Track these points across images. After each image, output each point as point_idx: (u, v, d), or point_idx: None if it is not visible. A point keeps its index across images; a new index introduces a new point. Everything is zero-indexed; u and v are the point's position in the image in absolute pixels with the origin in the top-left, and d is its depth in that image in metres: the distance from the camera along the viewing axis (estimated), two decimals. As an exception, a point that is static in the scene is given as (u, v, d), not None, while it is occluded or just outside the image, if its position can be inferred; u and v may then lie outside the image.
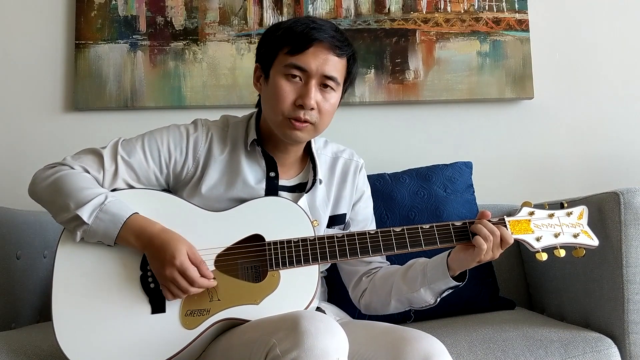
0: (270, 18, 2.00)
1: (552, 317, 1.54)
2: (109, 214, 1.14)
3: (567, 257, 1.22)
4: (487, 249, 1.16)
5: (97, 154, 1.23)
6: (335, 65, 1.21)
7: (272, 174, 1.28)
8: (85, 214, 1.13)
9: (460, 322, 1.43)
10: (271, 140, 1.29)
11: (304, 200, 1.28)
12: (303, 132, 1.22)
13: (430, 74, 2.00)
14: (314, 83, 1.20)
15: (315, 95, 1.20)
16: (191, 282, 1.11)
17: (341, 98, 1.28)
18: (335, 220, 1.36)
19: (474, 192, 1.75)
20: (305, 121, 1.21)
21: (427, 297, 1.26)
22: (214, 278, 1.14)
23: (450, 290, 1.26)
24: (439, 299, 1.27)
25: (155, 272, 1.14)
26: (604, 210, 1.33)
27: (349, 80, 1.28)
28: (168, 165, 1.26)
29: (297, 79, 1.20)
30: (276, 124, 1.23)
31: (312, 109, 1.20)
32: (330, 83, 1.21)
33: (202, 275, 1.13)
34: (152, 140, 1.26)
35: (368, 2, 2.02)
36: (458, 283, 1.23)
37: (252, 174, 1.27)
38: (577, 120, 2.04)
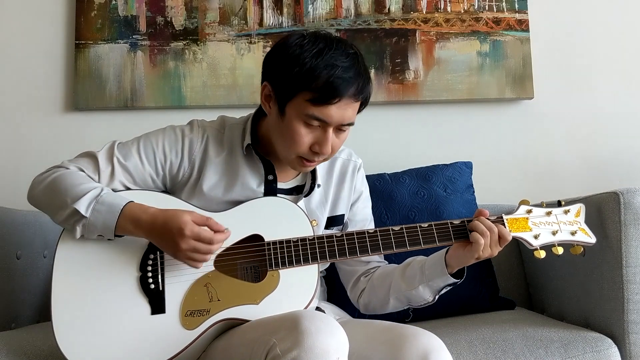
0: (270, 18, 2.00)
1: (552, 317, 1.54)
2: (106, 205, 1.14)
3: (567, 257, 1.22)
4: (485, 245, 1.16)
5: (93, 157, 1.23)
6: (354, 110, 1.18)
7: (270, 177, 1.27)
8: (82, 207, 1.12)
9: (460, 322, 1.43)
10: (268, 145, 1.28)
11: (302, 203, 1.28)
12: (312, 167, 1.25)
13: (430, 74, 2.00)
14: (331, 130, 1.17)
15: (332, 140, 1.18)
16: (210, 242, 1.11)
17: None
18: (334, 221, 1.36)
19: (474, 192, 1.75)
20: (313, 161, 1.21)
21: (426, 295, 1.26)
22: (219, 267, 1.15)
23: (449, 288, 1.26)
24: (437, 297, 1.27)
25: (170, 252, 1.13)
26: (603, 210, 1.33)
27: (365, 105, 1.24)
28: (164, 167, 1.26)
29: (316, 125, 1.16)
30: (287, 159, 1.22)
31: None
32: (346, 127, 1.19)
33: (215, 230, 1.13)
34: (147, 143, 1.26)
35: (368, 2, 2.02)
36: (456, 280, 1.24)
37: (251, 177, 1.27)
38: (577, 120, 2.04)
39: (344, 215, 1.38)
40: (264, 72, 1.23)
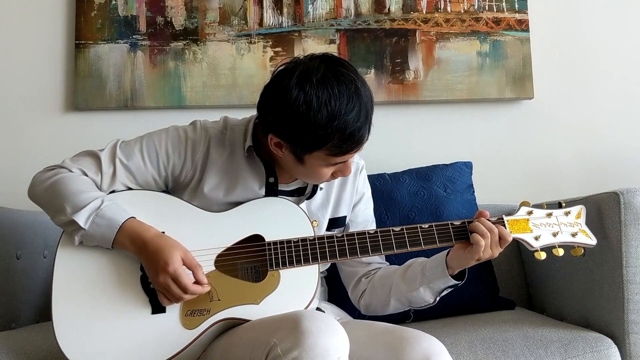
0: (270, 18, 2.00)
1: (552, 317, 1.54)
2: (105, 219, 1.14)
3: (567, 257, 1.22)
4: (485, 246, 1.16)
5: (95, 157, 1.23)
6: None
7: (272, 180, 1.27)
8: (81, 219, 1.12)
9: (460, 322, 1.43)
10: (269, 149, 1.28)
11: (303, 205, 1.28)
12: None
13: (430, 74, 2.00)
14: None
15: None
16: (184, 290, 1.10)
17: None
18: (335, 222, 1.36)
19: (474, 192, 1.75)
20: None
21: (427, 296, 1.26)
22: (208, 284, 1.14)
23: (450, 289, 1.26)
24: (438, 298, 1.27)
25: (150, 278, 1.14)
26: (603, 210, 1.33)
27: None
28: (166, 168, 1.25)
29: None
30: (305, 182, 1.31)
31: None
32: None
33: (197, 281, 1.12)
34: (150, 143, 1.25)
35: (368, 2, 2.02)
36: (457, 282, 1.23)
37: (252, 179, 1.26)
38: (577, 120, 2.04)
39: (345, 216, 1.37)
40: (265, 120, 1.17)
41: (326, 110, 1.07)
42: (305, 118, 1.08)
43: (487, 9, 2.03)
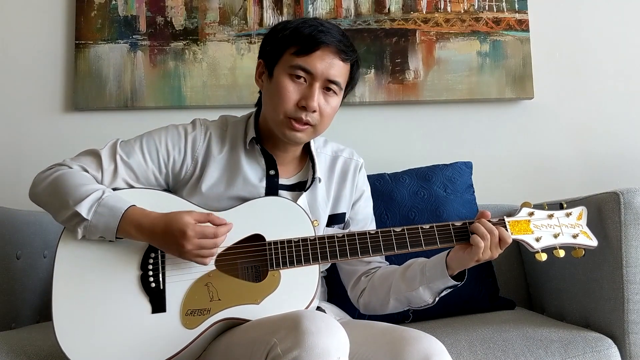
0: (270, 18, 2.00)
1: (552, 317, 1.54)
2: (107, 207, 1.14)
3: (567, 257, 1.22)
4: (485, 248, 1.16)
5: (96, 155, 1.23)
6: (339, 70, 1.22)
7: (272, 172, 1.28)
8: (84, 209, 1.13)
9: (460, 322, 1.43)
10: (270, 139, 1.29)
11: (303, 198, 1.28)
12: (302, 134, 1.23)
13: (430, 74, 2.00)
14: (317, 86, 1.21)
15: (318, 97, 1.21)
16: (214, 236, 1.12)
17: (341, 101, 1.29)
18: (335, 219, 1.36)
19: (474, 192, 1.75)
20: (306, 123, 1.22)
21: (426, 296, 1.26)
22: (219, 267, 1.15)
23: (449, 290, 1.26)
24: (437, 299, 1.27)
25: (175, 254, 1.14)
26: (603, 210, 1.33)
27: (351, 85, 1.30)
28: (167, 165, 1.26)
29: (302, 80, 1.21)
30: (276, 123, 1.23)
31: (314, 111, 1.21)
32: (333, 87, 1.22)
33: (217, 224, 1.14)
34: (150, 141, 1.26)
35: (368, 2, 2.02)
36: (457, 282, 1.24)
37: (253, 172, 1.27)
38: (577, 120, 2.04)
39: (345, 213, 1.38)
40: (259, 57, 1.30)
41: (303, 19, 1.25)
42: (283, 25, 1.25)
43: (487, 9, 2.03)
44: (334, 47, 1.20)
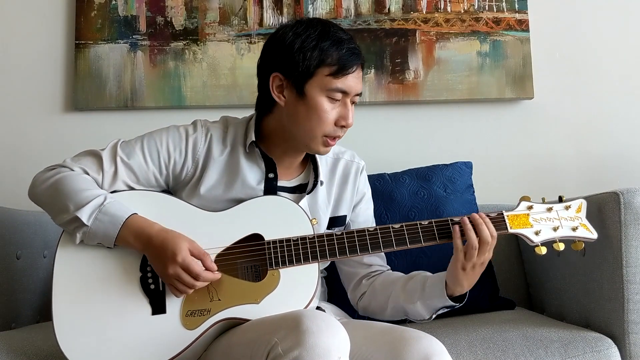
0: (270, 18, 2.00)
1: (552, 317, 1.54)
2: (108, 215, 1.14)
3: (567, 257, 1.22)
4: (469, 249, 1.17)
5: (96, 156, 1.23)
6: (361, 80, 1.26)
7: (271, 175, 1.27)
8: (84, 215, 1.12)
9: (460, 322, 1.43)
10: (271, 142, 1.29)
11: (304, 201, 1.28)
12: (334, 144, 1.26)
13: (430, 74, 2.00)
14: (349, 101, 1.22)
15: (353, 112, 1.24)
16: (196, 277, 1.11)
17: None
18: (336, 221, 1.36)
19: (474, 192, 1.75)
20: (338, 137, 1.24)
21: (422, 312, 1.26)
22: (218, 270, 1.14)
23: (446, 310, 1.25)
24: (434, 316, 1.27)
25: (158, 272, 1.14)
26: (604, 210, 1.33)
27: None
28: (167, 166, 1.26)
29: (338, 98, 1.21)
30: (311, 140, 1.23)
31: None
32: (357, 98, 1.25)
33: (207, 269, 1.13)
34: (151, 142, 1.26)
35: (368, 2, 2.02)
36: (454, 304, 1.23)
37: (251, 174, 1.27)
38: (577, 120, 2.04)
39: (346, 216, 1.37)
40: (267, 66, 1.25)
41: (320, 33, 1.21)
42: (303, 40, 1.20)
43: (487, 9, 2.03)
44: (361, 61, 1.24)
